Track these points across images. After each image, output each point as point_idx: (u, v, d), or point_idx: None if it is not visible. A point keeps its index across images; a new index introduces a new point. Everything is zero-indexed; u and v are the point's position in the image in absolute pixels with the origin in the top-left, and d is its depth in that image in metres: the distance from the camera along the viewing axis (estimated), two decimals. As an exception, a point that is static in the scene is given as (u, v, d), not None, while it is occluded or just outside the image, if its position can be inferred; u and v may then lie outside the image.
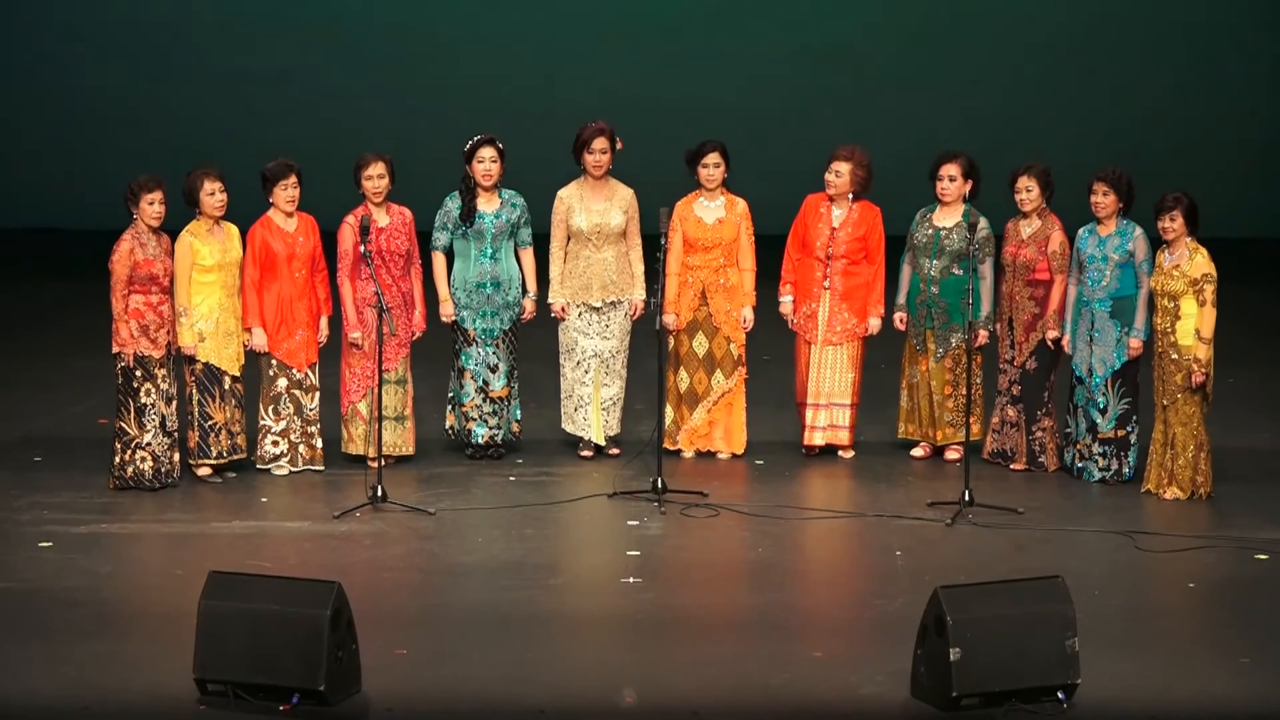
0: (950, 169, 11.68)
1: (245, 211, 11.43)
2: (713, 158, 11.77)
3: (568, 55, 20.53)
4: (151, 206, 10.97)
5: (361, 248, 11.15)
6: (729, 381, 11.88)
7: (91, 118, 20.63)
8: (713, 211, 11.81)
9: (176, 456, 11.18)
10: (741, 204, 11.86)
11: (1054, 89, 20.37)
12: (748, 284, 11.86)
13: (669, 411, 11.89)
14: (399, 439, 11.65)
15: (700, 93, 20.04)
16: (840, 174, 11.72)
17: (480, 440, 11.78)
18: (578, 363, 11.84)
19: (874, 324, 11.83)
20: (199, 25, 20.57)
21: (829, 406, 11.87)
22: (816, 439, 11.92)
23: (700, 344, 11.86)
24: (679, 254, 11.80)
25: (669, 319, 11.77)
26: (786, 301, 11.89)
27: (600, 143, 11.70)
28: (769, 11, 20.54)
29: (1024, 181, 11.51)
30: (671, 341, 11.88)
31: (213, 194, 11.15)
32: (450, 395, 11.86)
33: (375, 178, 11.45)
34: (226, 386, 11.25)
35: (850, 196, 11.74)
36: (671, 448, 11.86)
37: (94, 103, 20.61)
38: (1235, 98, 20.46)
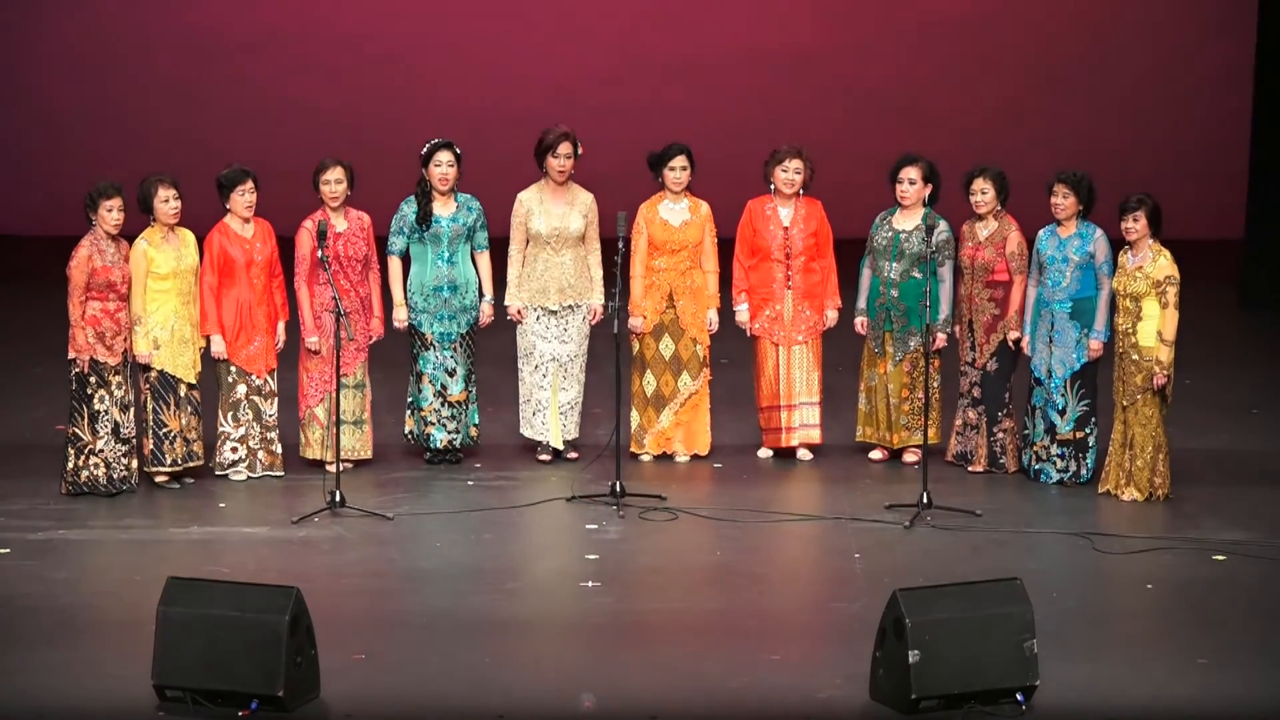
0: (910, 172, 11.70)
1: (203, 218, 11.39)
2: (679, 160, 11.77)
3: (523, 59, 20.50)
4: (110, 213, 10.93)
5: (319, 252, 11.13)
6: (695, 383, 11.87)
7: (46, 125, 20.52)
8: (679, 214, 11.81)
9: (134, 463, 11.13)
10: (705, 206, 11.86)
11: (1012, 94, 20.42)
12: (712, 286, 11.85)
13: (635, 416, 11.89)
14: (357, 443, 11.64)
15: (656, 96, 20.04)
16: (800, 170, 11.75)
17: (439, 444, 11.76)
18: (535, 366, 11.82)
19: (831, 316, 11.90)
20: (154, 33, 20.48)
21: (800, 406, 11.88)
22: (793, 440, 11.92)
23: (666, 346, 11.85)
24: (643, 257, 11.80)
25: (636, 322, 11.77)
26: (743, 309, 11.88)
27: (565, 148, 11.68)
28: (725, 14, 20.54)
29: (979, 184, 11.53)
30: (636, 345, 11.87)
31: (167, 201, 11.11)
32: (409, 400, 11.83)
33: (333, 183, 11.43)
34: (182, 394, 11.21)
35: (800, 192, 11.77)
36: (638, 451, 11.86)
37: (48, 110, 20.50)
38: (1189, 102, 20.53)
